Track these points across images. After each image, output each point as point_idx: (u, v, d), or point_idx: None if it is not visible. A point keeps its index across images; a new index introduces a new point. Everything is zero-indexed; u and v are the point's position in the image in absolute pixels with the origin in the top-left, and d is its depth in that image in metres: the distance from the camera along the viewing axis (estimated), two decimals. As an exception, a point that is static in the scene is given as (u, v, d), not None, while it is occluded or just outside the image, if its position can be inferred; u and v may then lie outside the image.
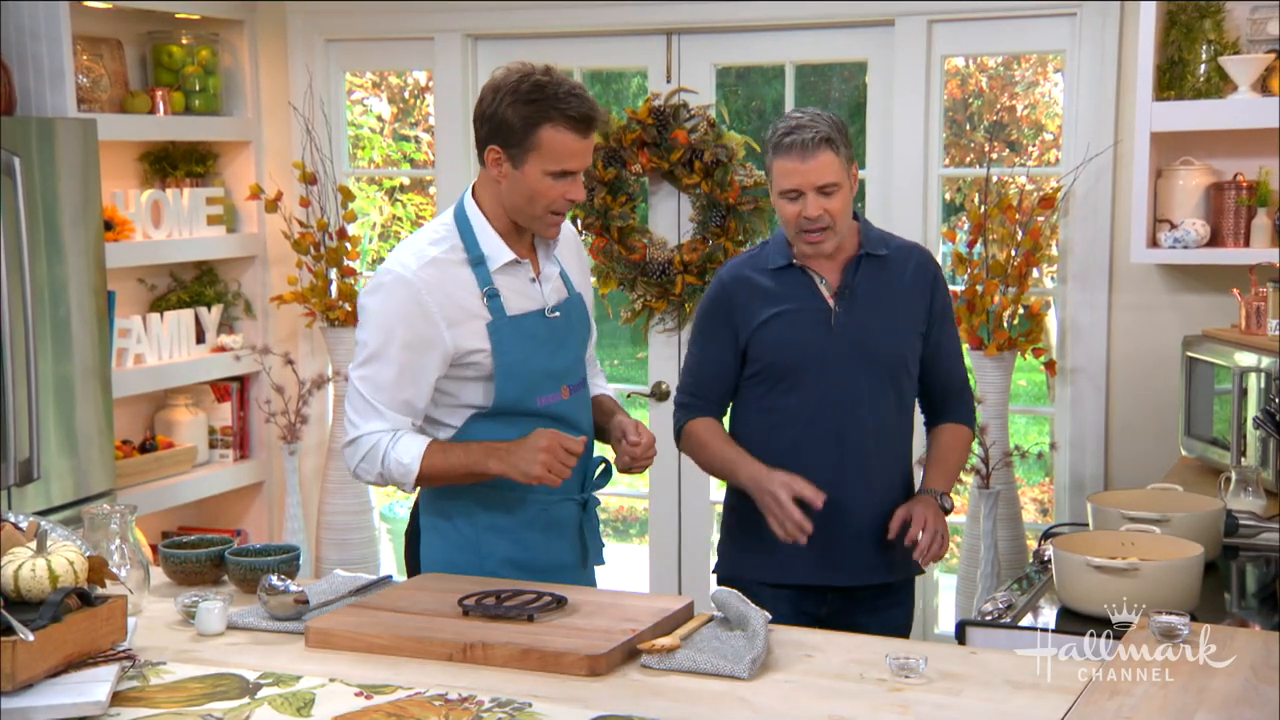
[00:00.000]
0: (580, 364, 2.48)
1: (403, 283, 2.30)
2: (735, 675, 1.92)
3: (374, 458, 2.35)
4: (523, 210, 2.33)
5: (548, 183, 2.28)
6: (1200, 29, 3.48)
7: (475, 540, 2.42)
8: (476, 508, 2.42)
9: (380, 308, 2.32)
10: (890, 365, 2.63)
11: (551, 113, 2.24)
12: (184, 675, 1.96)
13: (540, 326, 2.38)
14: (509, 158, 2.28)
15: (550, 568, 2.42)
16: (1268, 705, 1.72)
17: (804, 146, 2.50)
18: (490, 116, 2.28)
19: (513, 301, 2.37)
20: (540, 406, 2.39)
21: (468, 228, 2.36)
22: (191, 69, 4.33)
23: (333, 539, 4.42)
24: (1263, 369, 3.05)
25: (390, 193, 6.12)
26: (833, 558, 2.61)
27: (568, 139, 2.26)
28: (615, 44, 4.26)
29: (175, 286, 4.48)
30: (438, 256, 2.33)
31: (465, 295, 2.33)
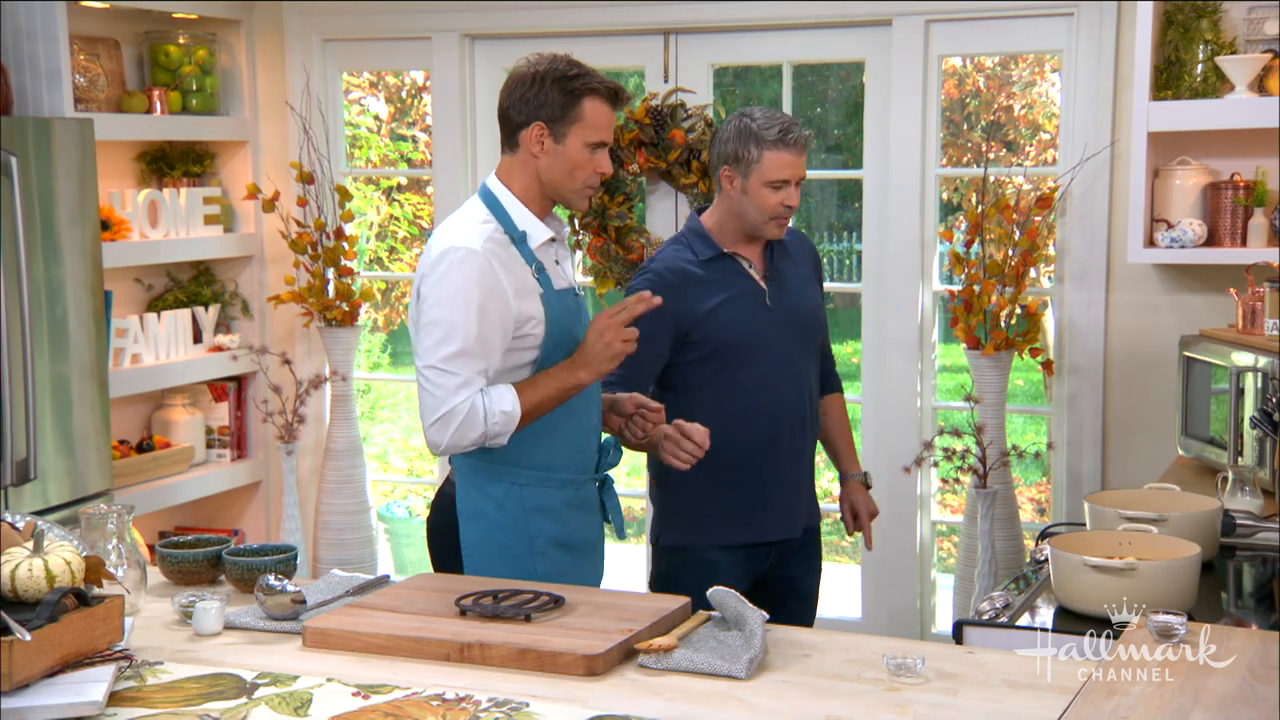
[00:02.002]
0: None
1: (473, 255, 2.40)
2: (733, 675, 1.92)
3: (474, 419, 2.38)
4: (563, 185, 2.48)
5: (586, 155, 2.46)
6: (1197, 29, 3.48)
7: (524, 522, 2.50)
8: (526, 491, 2.51)
9: (456, 279, 2.39)
10: (815, 334, 2.97)
11: (592, 83, 2.44)
12: (181, 675, 1.95)
13: (573, 302, 2.55)
14: (552, 134, 2.45)
15: (585, 544, 2.58)
16: (1265, 705, 1.72)
17: (800, 144, 2.79)
18: (532, 99, 2.44)
19: (554, 278, 2.51)
20: None
21: (502, 210, 2.48)
22: (189, 69, 4.33)
23: (330, 539, 4.42)
24: (1260, 369, 3.05)
25: (388, 192, 6.12)
26: (775, 513, 2.88)
27: (605, 110, 2.46)
28: (613, 44, 4.26)
29: (172, 286, 4.48)
30: (491, 234, 2.45)
31: (521, 269, 2.46)
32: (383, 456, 6.19)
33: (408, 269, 6.21)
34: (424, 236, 6.20)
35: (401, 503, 5.63)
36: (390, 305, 6.35)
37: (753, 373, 2.83)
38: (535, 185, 2.48)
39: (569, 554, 2.53)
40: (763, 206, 2.80)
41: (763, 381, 2.84)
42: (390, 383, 6.80)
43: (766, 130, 2.77)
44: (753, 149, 2.78)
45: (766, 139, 2.77)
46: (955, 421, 3.93)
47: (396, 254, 6.29)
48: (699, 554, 2.86)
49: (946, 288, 4.00)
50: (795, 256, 2.96)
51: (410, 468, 6.38)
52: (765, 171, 2.78)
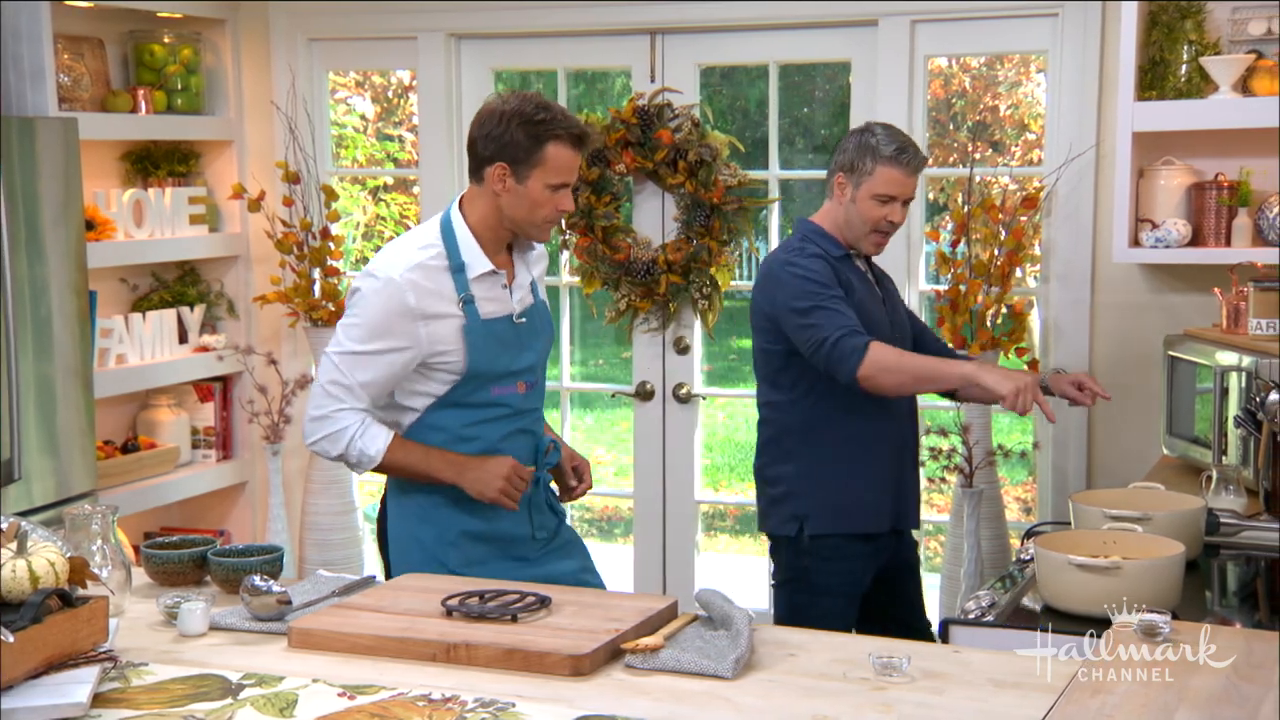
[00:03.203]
0: (540, 365, 2.69)
1: (390, 283, 2.50)
2: (719, 675, 1.92)
3: (339, 439, 2.54)
4: (523, 220, 2.55)
5: (547, 194, 2.52)
6: (1181, 29, 3.49)
7: (434, 514, 2.59)
8: (433, 486, 2.58)
9: (366, 302, 2.52)
10: (910, 332, 3.12)
11: (557, 130, 2.50)
12: (166, 676, 1.95)
13: (508, 330, 2.59)
14: (514, 174, 2.51)
15: (505, 538, 2.62)
16: (1248, 703, 1.73)
17: (916, 166, 2.96)
18: (498, 138, 2.51)
19: (485, 307, 2.56)
20: (494, 396, 2.59)
21: (452, 238, 2.56)
22: (173, 68, 4.31)
23: (316, 539, 4.40)
24: (1243, 368, 3.07)
25: (374, 192, 6.11)
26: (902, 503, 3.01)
27: (567, 154, 2.52)
28: (599, 44, 4.26)
29: (157, 286, 4.47)
30: (424, 261, 2.53)
31: (444, 299, 2.53)
32: (369, 457, 6.18)
33: (394, 269, 6.19)
34: (410, 236, 6.18)
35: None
36: (377, 305, 6.32)
37: None
38: (494, 217, 2.56)
39: (485, 545, 2.60)
40: (867, 218, 2.94)
41: None
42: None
43: (885, 146, 2.92)
44: (869, 161, 2.93)
45: (883, 154, 2.92)
46: (941, 421, 3.94)
47: (383, 254, 6.27)
48: (843, 544, 2.95)
49: (933, 287, 4.00)
50: (883, 274, 3.15)
51: (397, 468, 6.36)
52: (876, 185, 2.92)
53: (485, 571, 2.53)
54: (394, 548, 2.65)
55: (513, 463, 2.55)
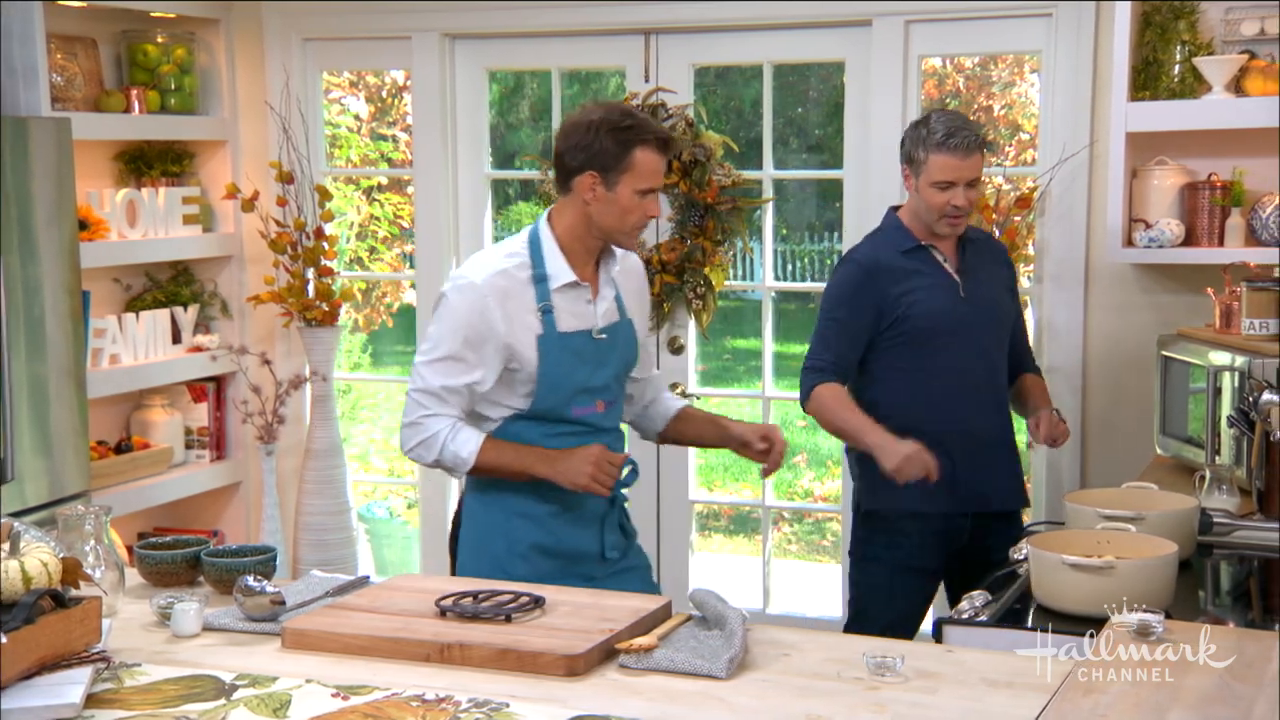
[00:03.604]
0: (619, 383, 2.70)
1: (473, 288, 2.56)
2: (713, 675, 1.92)
3: (433, 445, 2.58)
4: (613, 228, 2.59)
5: (635, 200, 2.56)
6: (1175, 30, 3.50)
7: (506, 526, 2.64)
8: (510, 495, 2.63)
9: (452, 307, 2.57)
10: (1004, 325, 3.15)
11: (644, 135, 2.55)
12: (159, 677, 1.95)
13: (587, 345, 2.61)
14: (603, 181, 2.55)
15: (574, 555, 2.65)
16: (1241, 703, 1.73)
17: (966, 148, 2.96)
18: (586, 147, 2.55)
19: (565, 319, 2.60)
20: (574, 415, 2.62)
21: (538, 249, 2.61)
22: (167, 68, 4.30)
23: (310, 540, 4.40)
24: (1236, 368, 3.07)
25: (368, 192, 6.10)
26: (963, 489, 3.03)
27: (655, 158, 2.56)
28: (593, 44, 4.26)
29: (151, 286, 4.46)
30: (507, 269, 2.59)
31: (524, 307, 2.57)
32: (363, 457, 6.17)
33: (388, 269, 6.19)
34: (404, 236, 6.18)
35: (382, 503, 5.61)
36: (371, 305, 6.32)
37: (946, 358, 3.00)
38: (582, 226, 2.60)
39: (553, 560, 2.62)
40: (931, 205, 3.00)
41: (955, 366, 3.02)
42: (371, 383, 6.78)
43: (933, 134, 2.96)
44: (921, 151, 2.98)
45: (932, 142, 2.96)
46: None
47: (377, 254, 6.27)
48: (891, 520, 3.07)
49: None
50: (989, 258, 3.16)
51: (391, 468, 6.36)
52: (931, 173, 2.97)
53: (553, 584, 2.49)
54: (463, 553, 2.70)
55: (601, 449, 2.57)
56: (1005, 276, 3.20)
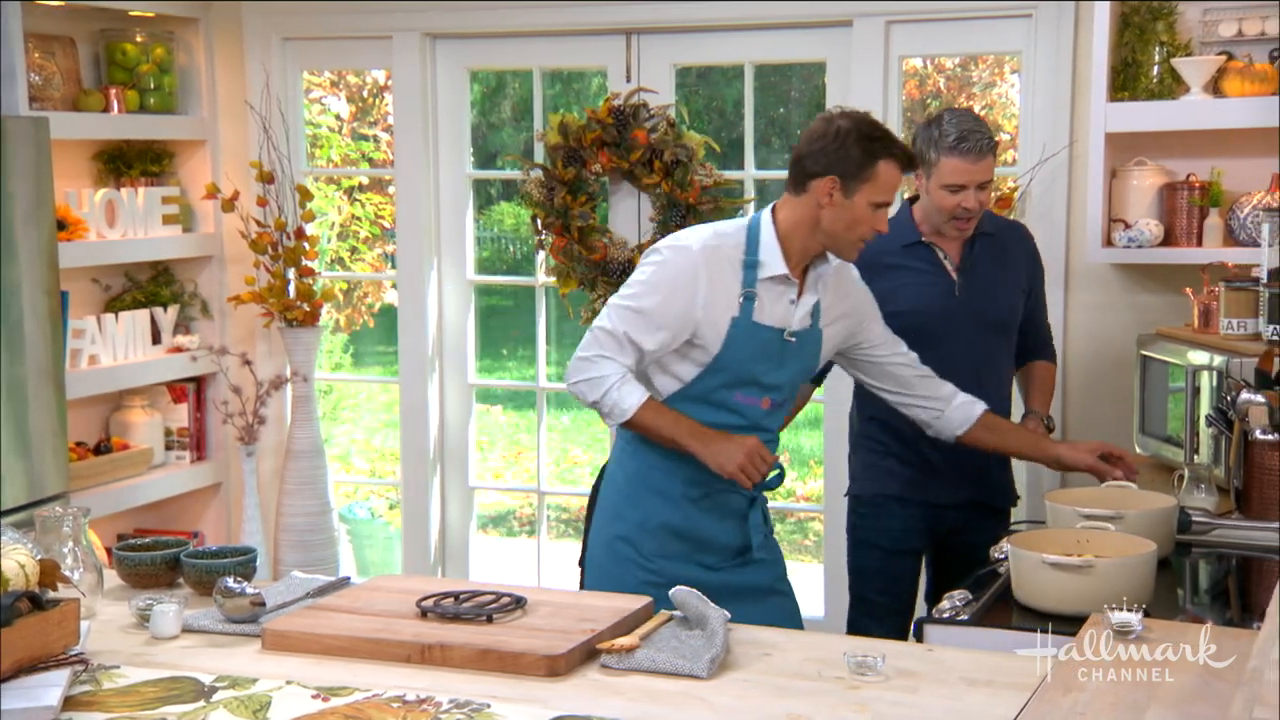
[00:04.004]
0: (791, 387, 2.70)
1: (688, 252, 2.57)
2: (694, 674, 1.93)
3: (598, 386, 2.56)
4: (840, 235, 2.59)
5: (869, 212, 2.57)
6: (1153, 31, 3.52)
7: (644, 500, 2.66)
8: (653, 472, 2.65)
9: (660, 263, 2.58)
10: (1005, 325, 3.14)
11: (892, 149, 2.56)
12: (138, 679, 1.94)
13: (774, 342, 2.61)
14: (843, 188, 2.56)
15: (710, 543, 2.67)
16: (1219, 700, 1.74)
17: (979, 151, 2.94)
18: (832, 152, 2.56)
19: (763, 311, 2.60)
20: (737, 401, 2.62)
21: (756, 235, 2.61)
22: (146, 67, 4.29)
23: (291, 540, 4.39)
24: (1214, 367, 3.09)
25: (349, 192, 6.08)
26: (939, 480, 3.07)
27: (896, 175, 2.58)
28: (575, 44, 4.25)
29: (130, 287, 4.44)
30: (722, 246, 2.60)
31: (728, 287, 2.57)
32: (345, 457, 6.15)
33: (369, 269, 6.17)
34: (385, 236, 6.16)
35: (364, 504, 5.60)
36: (352, 305, 6.31)
37: (935, 354, 2.92)
38: (805, 227, 2.60)
39: (681, 542, 2.65)
40: (941, 207, 2.99)
41: (944, 363, 2.93)
42: (352, 383, 6.76)
43: (945, 136, 2.94)
44: (932, 153, 2.96)
45: (944, 145, 2.94)
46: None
47: (358, 254, 6.25)
48: (873, 501, 3.14)
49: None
50: (1005, 254, 3.13)
51: (373, 469, 6.35)
52: (942, 175, 2.96)
53: (673, 568, 2.60)
54: (597, 520, 2.74)
55: (758, 441, 2.56)
56: (1019, 273, 3.16)
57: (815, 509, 5.18)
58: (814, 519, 5.91)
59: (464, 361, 4.49)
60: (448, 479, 4.54)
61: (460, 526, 4.56)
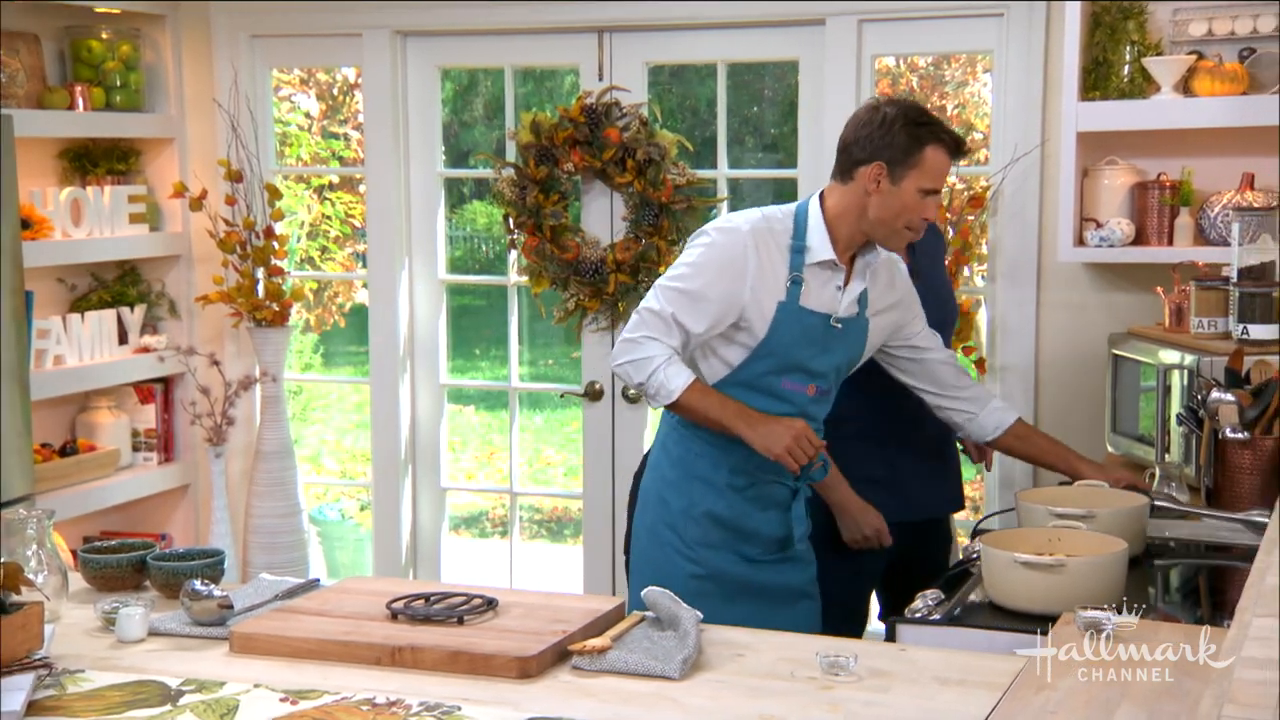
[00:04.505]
0: (837, 374, 2.69)
1: (736, 232, 2.58)
2: (666, 675, 1.93)
3: (644, 367, 2.55)
4: (887, 223, 2.59)
5: (917, 199, 2.57)
6: (1124, 30, 3.54)
7: (687, 486, 2.67)
8: (698, 460, 2.66)
9: (709, 244, 2.59)
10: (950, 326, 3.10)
11: (940, 134, 2.56)
12: (103, 683, 1.92)
13: (820, 327, 2.61)
14: (890, 174, 2.56)
15: (753, 533, 2.68)
16: (1189, 698, 1.75)
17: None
18: (879, 139, 2.56)
19: (810, 296, 2.60)
20: (784, 388, 2.62)
21: (803, 221, 2.62)
22: (112, 64, 4.26)
23: (261, 542, 4.37)
24: (1185, 366, 3.11)
25: (319, 191, 6.05)
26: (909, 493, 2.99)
27: (944, 160, 2.57)
28: (546, 41, 4.25)
29: (96, 286, 4.41)
30: (772, 229, 2.61)
31: (776, 268, 2.58)
32: (315, 459, 6.12)
33: (340, 268, 6.14)
34: (356, 236, 6.14)
35: (334, 505, 5.58)
36: (322, 305, 6.28)
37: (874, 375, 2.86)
38: (851, 215, 2.60)
39: (723, 531, 2.66)
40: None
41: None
42: (322, 384, 6.73)
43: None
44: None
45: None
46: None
47: (328, 253, 6.23)
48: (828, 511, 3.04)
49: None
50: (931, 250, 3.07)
51: (344, 470, 6.32)
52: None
53: (714, 557, 2.61)
54: (641, 506, 2.74)
55: (805, 424, 2.55)
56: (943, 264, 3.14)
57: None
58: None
59: (436, 361, 4.48)
60: (419, 480, 4.53)
61: (432, 528, 4.55)
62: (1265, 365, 2.91)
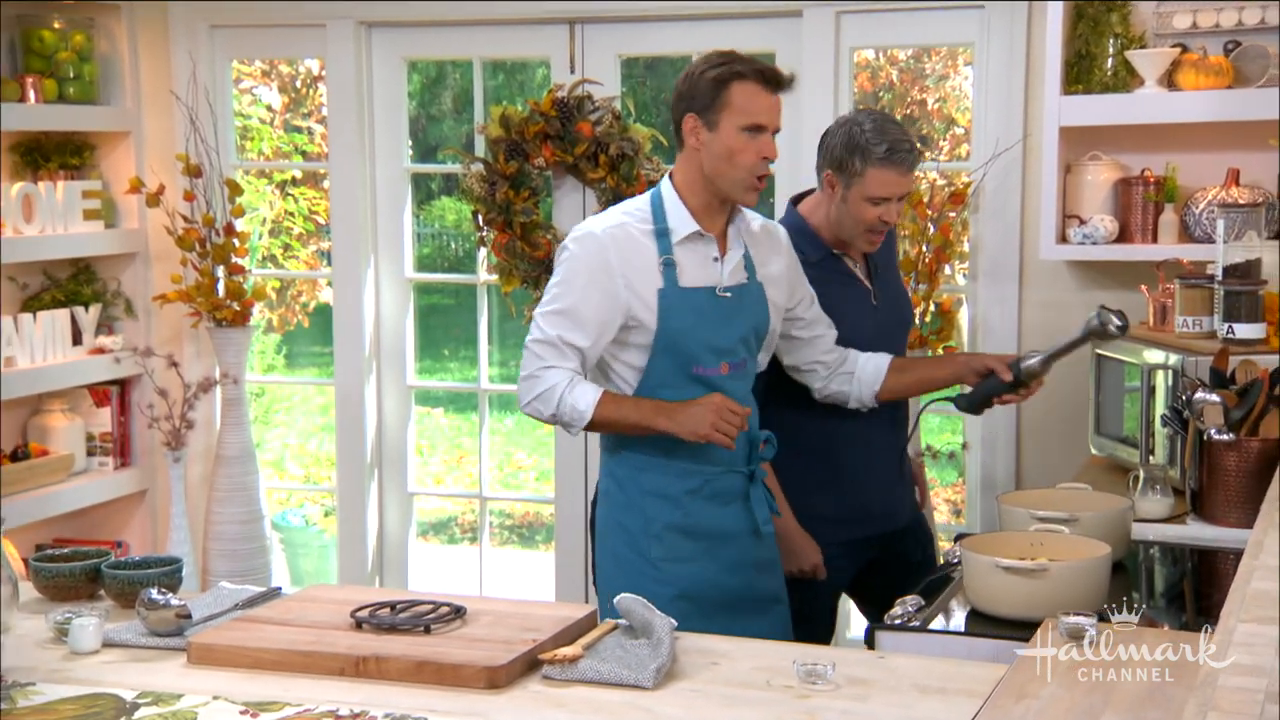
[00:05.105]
0: (745, 346, 2.67)
1: (592, 238, 2.58)
2: (639, 685, 1.93)
3: (550, 398, 2.56)
4: (724, 173, 2.57)
5: (743, 139, 2.54)
6: (1107, 22, 3.56)
7: (641, 505, 2.65)
8: (644, 474, 2.65)
9: (570, 259, 2.58)
10: (909, 322, 3.13)
11: (737, 68, 2.54)
12: (55, 696, 1.91)
13: (709, 302, 2.60)
14: (704, 123, 2.56)
15: (717, 534, 2.66)
16: (1173, 705, 1.77)
17: (911, 165, 2.84)
18: (686, 92, 2.58)
19: (688, 275, 2.60)
20: (696, 373, 2.61)
21: (659, 203, 2.63)
22: (65, 55, 4.23)
23: (221, 550, 4.35)
24: (1170, 366, 3.13)
25: (281, 186, 6.03)
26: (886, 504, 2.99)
27: (755, 91, 2.54)
28: (516, 33, 4.24)
29: (49, 285, 4.38)
30: (627, 223, 2.61)
31: (645, 260, 2.58)
32: (278, 463, 6.10)
33: (303, 266, 6.12)
34: (320, 233, 6.12)
35: (298, 511, 5.56)
36: (286, 305, 6.26)
37: None
38: (695, 179, 2.60)
39: (691, 541, 2.64)
40: (860, 219, 2.85)
41: None
42: (285, 385, 6.71)
43: (875, 145, 2.80)
44: (857, 162, 2.81)
45: (872, 156, 2.80)
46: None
47: (291, 251, 6.21)
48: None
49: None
50: (887, 251, 3.05)
51: (308, 474, 6.30)
52: (868, 188, 2.82)
53: (688, 569, 2.60)
54: (600, 533, 2.73)
55: (722, 397, 2.55)
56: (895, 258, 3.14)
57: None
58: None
59: (403, 362, 4.47)
60: (386, 484, 4.51)
61: (399, 534, 4.53)
62: (1251, 365, 2.93)
